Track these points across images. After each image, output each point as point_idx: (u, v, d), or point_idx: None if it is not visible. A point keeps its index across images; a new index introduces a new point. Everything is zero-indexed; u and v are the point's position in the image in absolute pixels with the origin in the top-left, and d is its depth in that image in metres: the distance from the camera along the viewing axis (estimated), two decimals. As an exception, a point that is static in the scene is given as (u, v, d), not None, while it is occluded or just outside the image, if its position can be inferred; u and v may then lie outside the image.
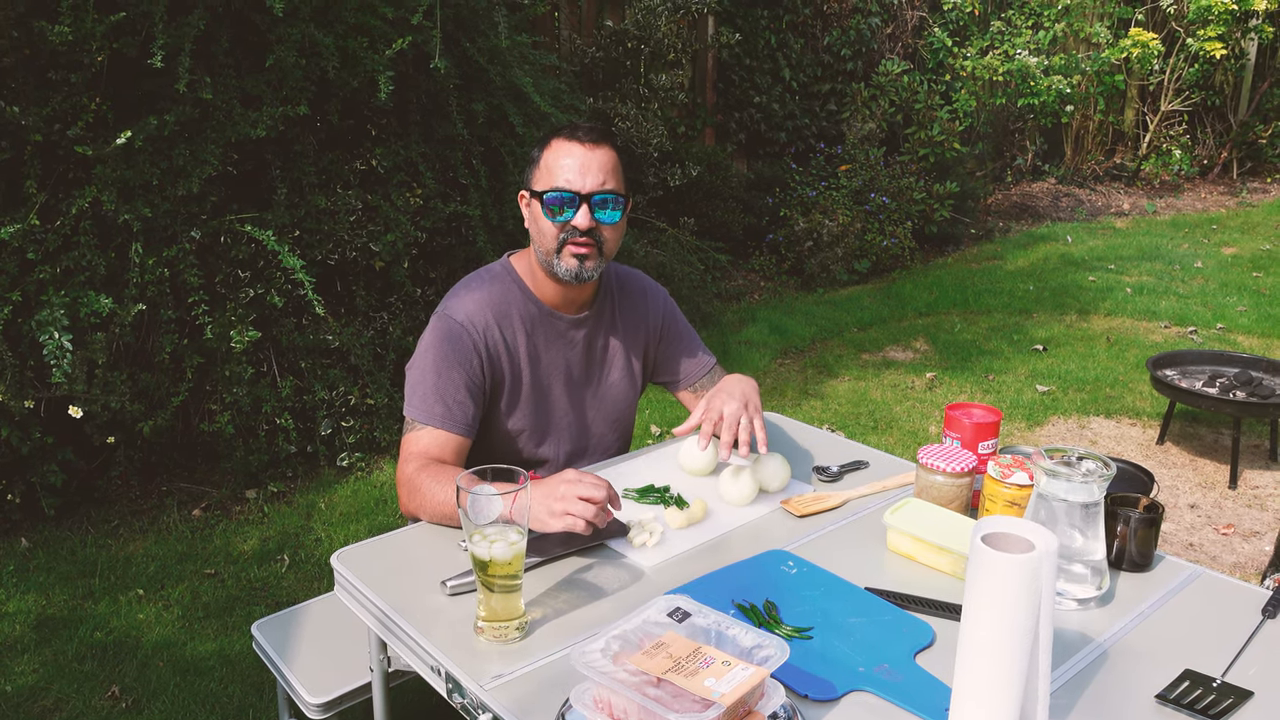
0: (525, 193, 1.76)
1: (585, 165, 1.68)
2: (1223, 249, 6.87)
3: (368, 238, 3.60)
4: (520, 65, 3.91)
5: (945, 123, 6.69)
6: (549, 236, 1.70)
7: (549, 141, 1.72)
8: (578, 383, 1.87)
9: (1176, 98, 8.90)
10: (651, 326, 1.98)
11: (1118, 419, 4.09)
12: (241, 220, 3.22)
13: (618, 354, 1.92)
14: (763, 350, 4.95)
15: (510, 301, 1.79)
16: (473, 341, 1.73)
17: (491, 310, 1.76)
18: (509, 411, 1.81)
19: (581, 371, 1.87)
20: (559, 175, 1.68)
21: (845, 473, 1.82)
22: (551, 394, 1.84)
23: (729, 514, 1.63)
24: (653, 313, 1.98)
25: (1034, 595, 1.02)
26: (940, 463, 1.56)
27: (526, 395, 1.81)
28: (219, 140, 3.18)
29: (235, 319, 3.30)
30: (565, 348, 1.84)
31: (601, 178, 1.69)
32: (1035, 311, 5.53)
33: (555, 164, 1.69)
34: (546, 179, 1.70)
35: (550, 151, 1.70)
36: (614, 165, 1.71)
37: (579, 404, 1.88)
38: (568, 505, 1.39)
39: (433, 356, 1.72)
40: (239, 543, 3.11)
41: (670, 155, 5.81)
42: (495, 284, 1.80)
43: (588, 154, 1.68)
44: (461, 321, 1.73)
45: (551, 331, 1.82)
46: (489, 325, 1.75)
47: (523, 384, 1.81)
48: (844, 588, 1.39)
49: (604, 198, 1.69)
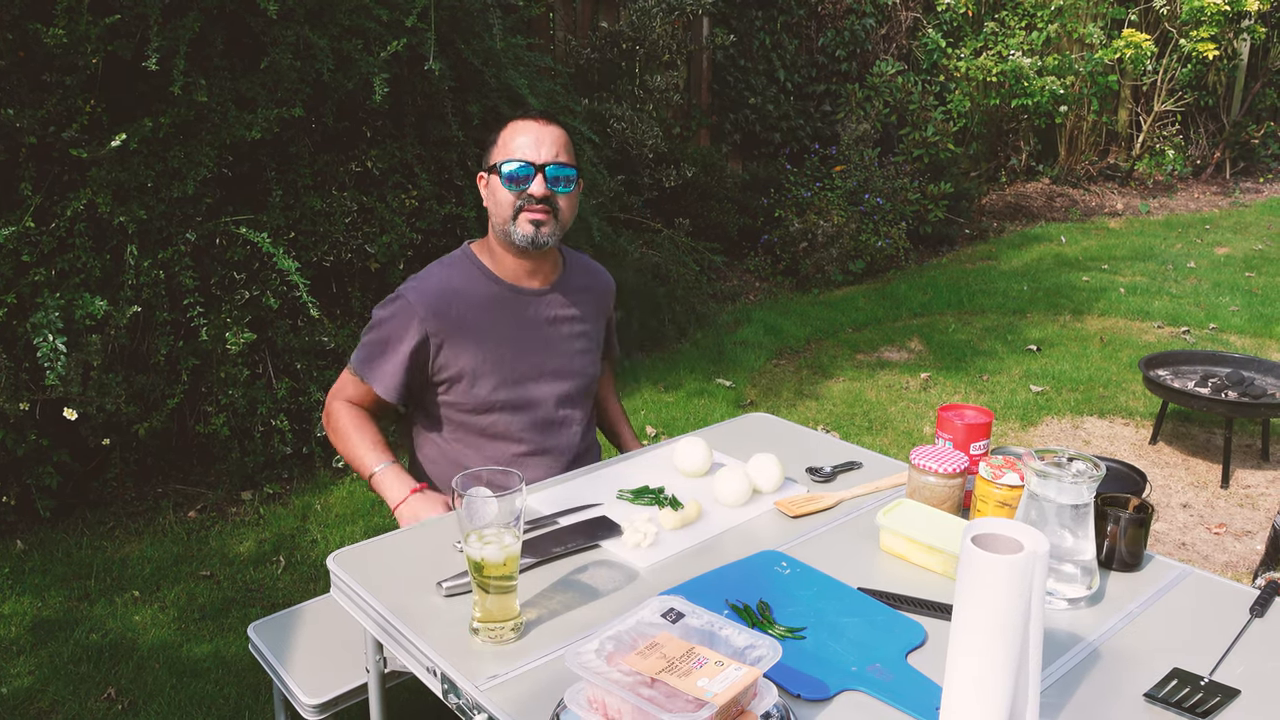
0: (483, 174, 1.88)
1: (539, 139, 1.80)
2: (1216, 249, 6.90)
3: (363, 239, 3.60)
4: (515, 67, 3.91)
5: (939, 123, 6.71)
6: (505, 206, 1.80)
7: (505, 124, 1.85)
8: (545, 353, 1.93)
9: (1169, 98, 8.94)
10: (604, 305, 2.08)
11: (1111, 419, 4.11)
12: (236, 222, 3.23)
13: (581, 326, 1.99)
14: (757, 351, 4.97)
15: (468, 281, 1.88)
16: (419, 319, 1.81)
17: (448, 289, 1.85)
18: (474, 386, 1.86)
19: (547, 341, 1.93)
20: (515, 150, 1.79)
21: (838, 473, 1.83)
22: (518, 365, 1.89)
23: (723, 515, 1.64)
24: (605, 292, 2.08)
25: (1024, 596, 1.03)
26: (932, 464, 1.58)
27: (492, 369, 1.87)
28: (214, 142, 3.18)
29: (230, 321, 3.30)
30: (529, 320, 1.91)
31: (555, 150, 1.81)
32: (1029, 312, 5.55)
33: (511, 140, 1.80)
34: (503, 153, 1.81)
35: (506, 130, 1.82)
36: (566, 142, 1.84)
37: (550, 375, 1.93)
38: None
39: (382, 330, 1.84)
40: (235, 544, 3.11)
41: (665, 156, 5.82)
42: (453, 267, 1.89)
43: (541, 129, 1.81)
44: (414, 301, 1.82)
45: (513, 305, 1.89)
46: (445, 304, 1.83)
47: (486, 358, 1.86)
48: (837, 588, 1.40)
49: (558, 169, 1.80)
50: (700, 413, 4.17)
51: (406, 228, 3.67)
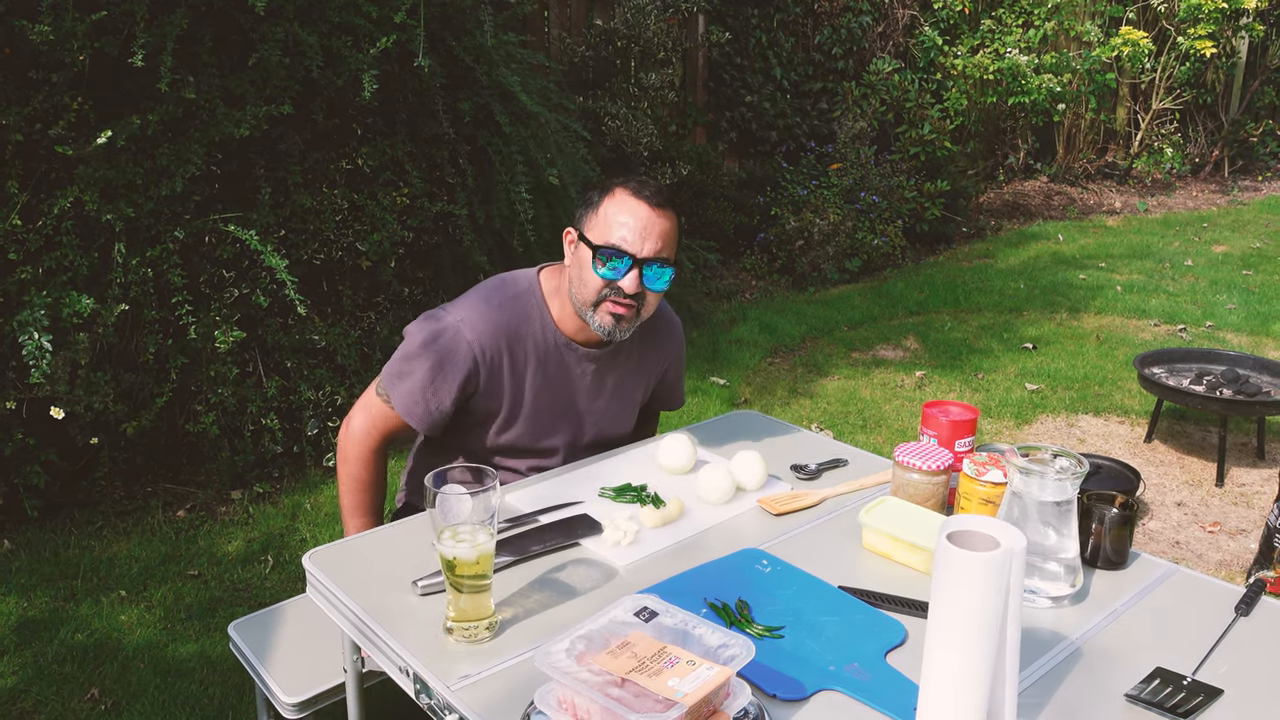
0: (573, 231, 1.71)
1: (647, 228, 1.63)
2: (1213, 247, 6.88)
3: (354, 237, 3.58)
4: (507, 64, 3.90)
5: (936, 121, 6.69)
6: (591, 289, 1.66)
7: (612, 189, 1.66)
8: (579, 412, 1.86)
9: (1168, 96, 8.91)
10: (664, 363, 1.97)
11: (1106, 417, 4.09)
12: (225, 220, 3.21)
13: (626, 387, 1.90)
14: (753, 349, 4.95)
15: (527, 327, 1.74)
16: (475, 364, 1.70)
17: (505, 335, 1.72)
18: (502, 431, 1.81)
19: (586, 401, 1.85)
20: (616, 230, 1.63)
21: (824, 471, 1.81)
22: (552, 420, 1.83)
23: (705, 512, 1.63)
24: (669, 350, 1.97)
25: (1000, 593, 1.01)
26: (916, 460, 1.56)
27: (525, 419, 1.80)
28: (202, 140, 3.16)
29: (220, 319, 3.28)
30: (575, 378, 1.82)
31: (659, 244, 1.65)
32: (1026, 310, 5.53)
33: (615, 218, 1.63)
34: (603, 230, 1.64)
35: (612, 202, 1.65)
36: (674, 233, 1.68)
37: (575, 431, 1.87)
38: None
39: (432, 361, 1.69)
40: (223, 544, 3.09)
41: (660, 154, 5.80)
42: (516, 304, 1.74)
43: (651, 216, 1.63)
44: (471, 341, 1.69)
45: (563, 362, 1.79)
46: (499, 351, 1.71)
47: (522, 408, 1.79)
48: (817, 586, 1.39)
49: (659, 269, 1.66)
50: (693, 411, 4.15)
51: (398, 225, 3.66)
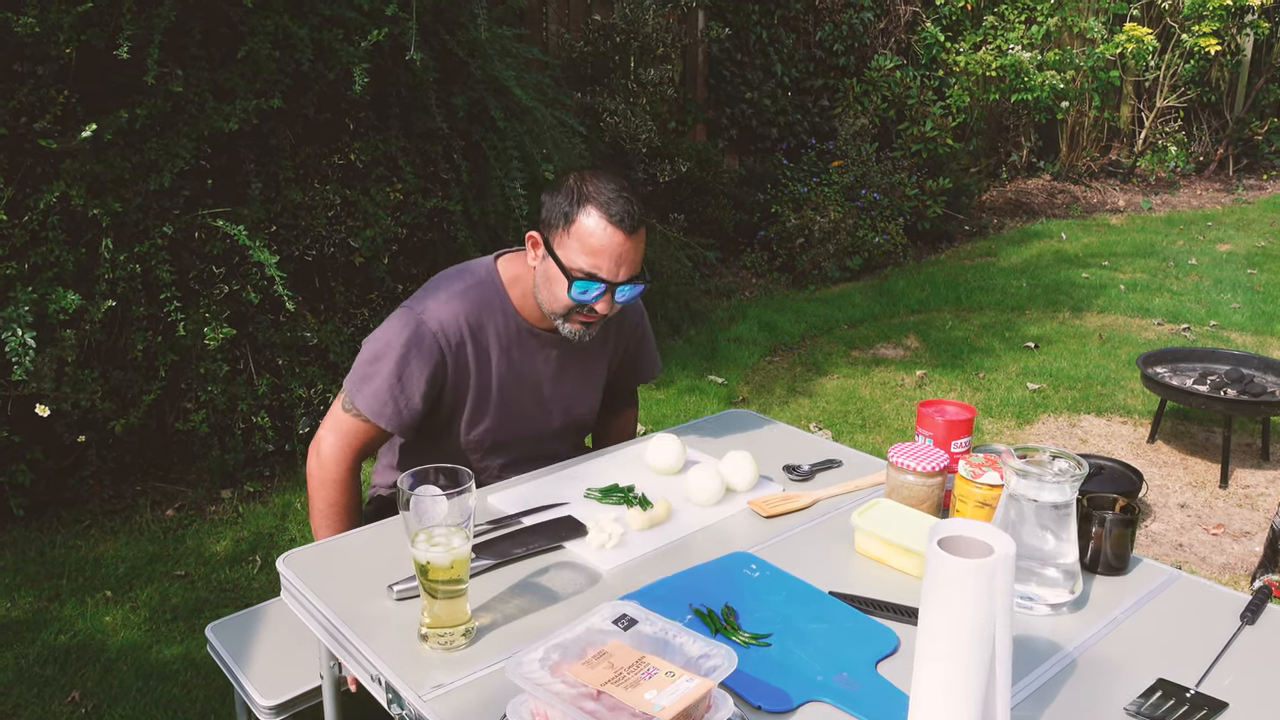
0: (538, 238, 1.65)
1: (622, 256, 1.59)
2: (1218, 246, 6.82)
3: (346, 233, 3.54)
4: (502, 58, 3.85)
5: (938, 118, 6.64)
6: (560, 304, 1.64)
7: (585, 204, 1.58)
8: (546, 396, 1.84)
9: (1172, 94, 8.85)
10: (625, 339, 1.95)
11: (1108, 417, 4.04)
12: (214, 215, 3.16)
13: (589, 369, 1.89)
14: (752, 347, 4.90)
15: (489, 315, 1.72)
16: (441, 353, 1.67)
17: (468, 323, 1.69)
18: (472, 423, 1.77)
19: (551, 386, 1.84)
20: (590, 259, 1.58)
21: (817, 472, 1.77)
22: (518, 407, 1.81)
23: (693, 514, 1.58)
24: (628, 325, 1.94)
25: (990, 601, 0.96)
26: (911, 461, 1.51)
27: (494, 409, 1.77)
28: (191, 134, 3.12)
29: (209, 316, 3.24)
30: (539, 364, 1.80)
31: (633, 267, 1.61)
32: (1028, 309, 5.47)
33: (589, 244, 1.57)
34: (576, 255, 1.58)
35: (587, 222, 1.57)
36: (643, 246, 1.64)
37: (544, 416, 1.85)
38: None
39: (397, 355, 1.65)
40: (212, 543, 3.05)
41: (659, 151, 5.75)
42: (477, 292, 1.71)
43: (626, 244, 1.58)
44: (435, 331, 1.66)
45: (527, 348, 1.77)
46: (463, 340, 1.69)
47: (490, 398, 1.76)
48: (807, 592, 1.34)
49: (630, 289, 1.64)
50: (691, 410, 4.10)
51: (391, 221, 3.61)
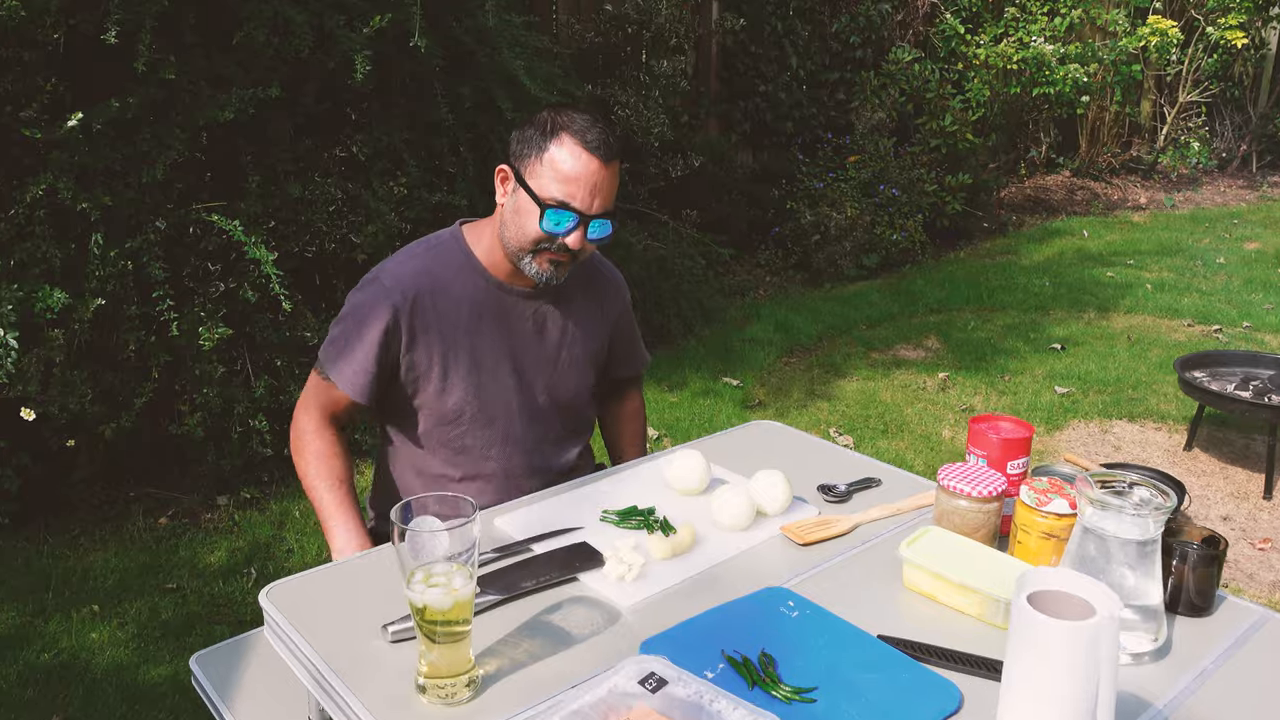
0: (508, 171, 1.58)
1: (596, 185, 1.53)
2: (1245, 244, 6.63)
3: (348, 229, 3.40)
4: (511, 47, 3.70)
5: (958, 112, 6.46)
6: (529, 237, 1.56)
7: (558, 133, 1.52)
8: (527, 364, 1.71)
9: (1195, 89, 8.65)
10: (611, 315, 1.84)
11: (1142, 423, 3.87)
12: (209, 209, 3.02)
13: (574, 336, 1.76)
14: (767, 348, 4.74)
15: (452, 272, 1.64)
16: (395, 310, 1.58)
17: (428, 279, 1.62)
18: (445, 391, 1.65)
19: (532, 351, 1.71)
20: (564, 187, 1.51)
21: (854, 492, 1.61)
22: (496, 374, 1.68)
23: (721, 541, 1.43)
24: (613, 300, 1.84)
25: (1091, 670, 0.81)
26: (964, 485, 1.36)
27: (466, 374, 1.65)
28: (185, 124, 2.98)
29: (204, 315, 3.10)
30: (514, 324, 1.68)
31: (606, 199, 1.56)
32: (1052, 308, 5.30)
33: (562, 172, 1.51)
34: (548, 184, 1.52)
35: (560, 150, 1.52)
36: (617, 180, 1.58)
37: (528, 387, 1.72)
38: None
39: (352, 318, 1.61)
40: (205, 554, 2.91)
41: (672, 145, 5.59)
42: (438, 252, 1.66)
43: (601, 172, 1.53)
44: (389, 286, 1.59)
45: (499, 306, 1.66)
46: (420, 295, 1.60)
47: (460, 362, 1.64)
48: (853, 636, 1.19)
49: (603, 225, 1.58)
50: (705, 413, 3.95)
51: (394, 217, 3.46)
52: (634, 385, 2.03)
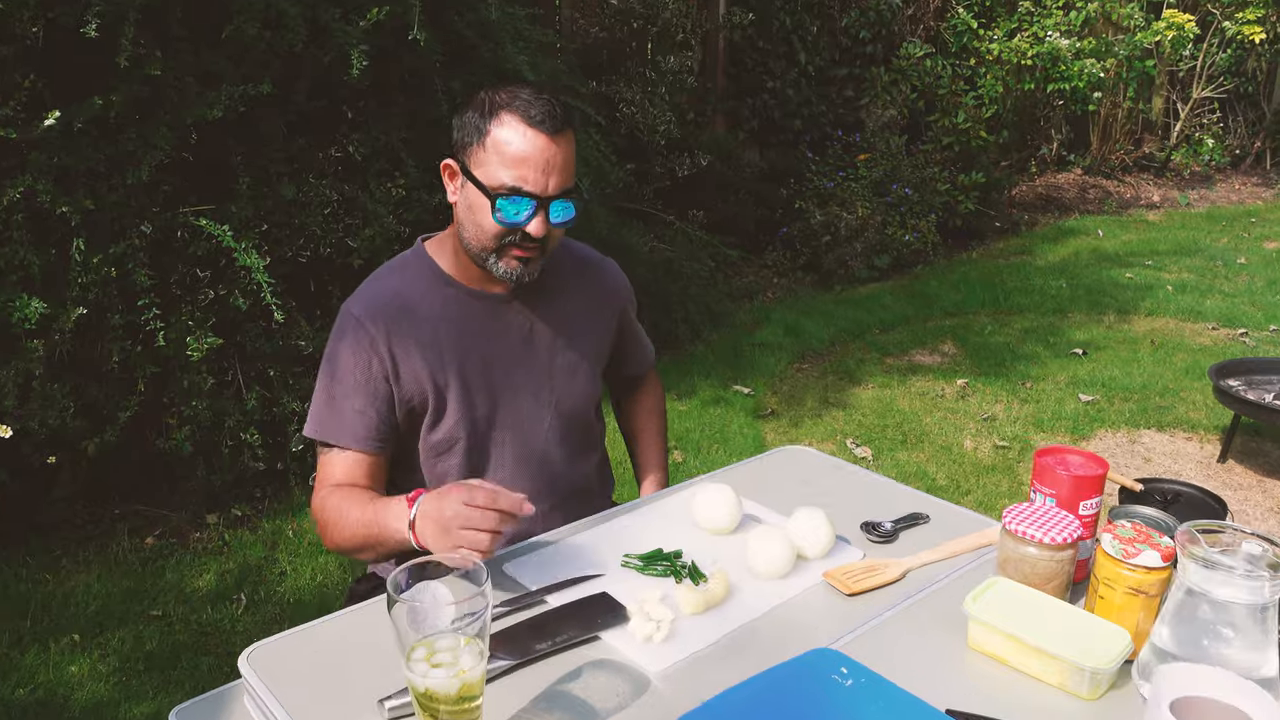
0: (454, 165, 1.42)
1: (548, 162, 1.36)
2: (1265, 244, 6.48)
3: (344, 232, 3.24)
4: (514, 41, 3.54)
5: (971, 109, 6.31)
6: (488, 236, 1.40)
7: (497, 113, 1.36)
8: (519, 377, 1.53)
9: (1208, 85, 8.49)
10: (612, 306, 1.66)
11: (1171, 433, 3.72)
12: (197, 213, 2.87)
13: (568, 338, 1.58)
14: (779, 354, 4.59)
15: (422, 290, 1.48)
16: (370, 339, 1.43)
17: (399, 301, 1.46)
18: (435, 422, 1.49)
19: (522, 362, 1.53)
20: (513, 171, 1.35)
21: (901, 529, 1.46)
22: (488, 393, 1.51)
23: (757, 591, 1.27)
24: (612, 291, 1.67)
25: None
26: (1034, 530, 1.20)
27: (455, 398, 1.48)
28: (172, 123, 2.82)
29: (193, 324, 2.94)
30: (498, 335, 1.51)
31: (564, 176, 1.38)
32: (1070, 311, 5.15)
33: (508, 153, 1.35)
34: (495, 170, 1.36)
35: (502, 130, 1.35)
36: (574, 152, 1.41)
37: (524, 403, 1.54)
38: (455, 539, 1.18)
39: (330, 364, 1.45)
40: (193, 577, 2.76)
41: (678, 143, 5.44)
42: (404, 272, 1.51)
43: (551, 147, 1.36)
44: (359, 315, 1.44)
45: (478, 315, 1.50)
46: (395, 319, 1.44)
47: (448, 385, 1.48)
48: (918, 711, 1.03)
49: (565, 206, 1.40)
50: (716, 423, 3.80)
51: (392, 220, 3.31)
52: (647, 379, 1.87)
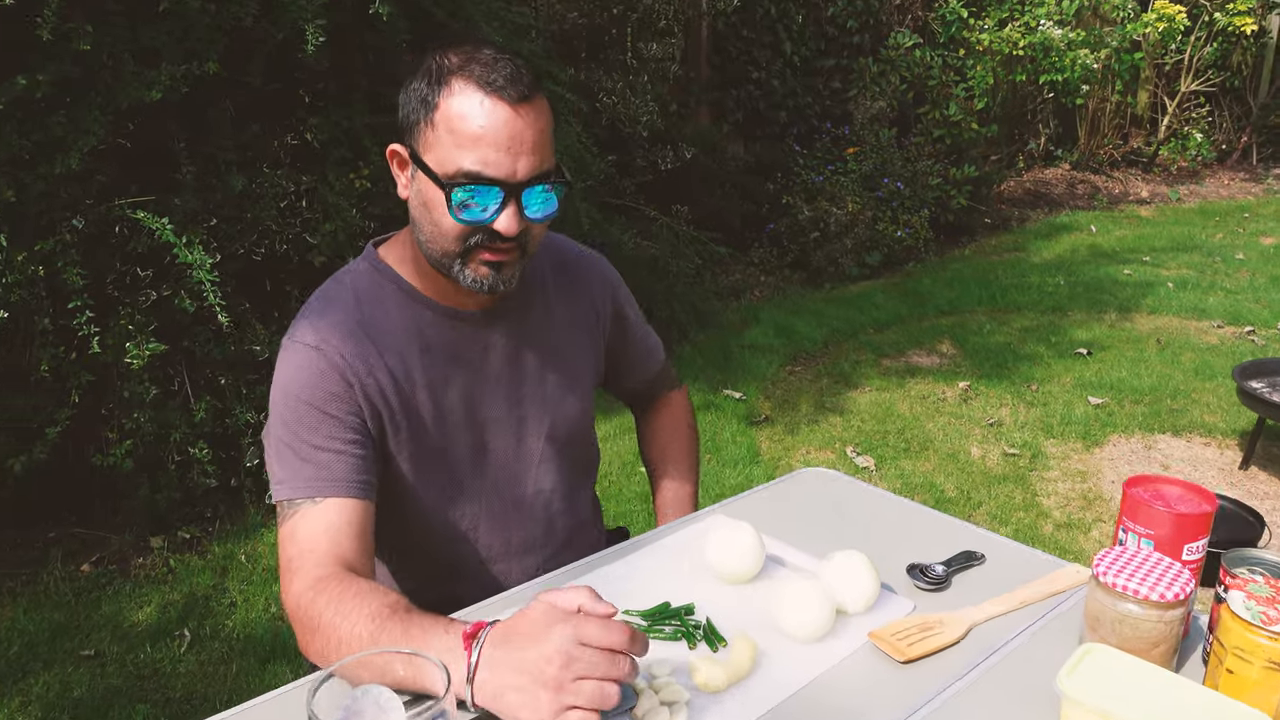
0: (402, 152, 1.12)
1: (515, 138, 1.05)
2: (1261, 239, 6.33)
3: (302, 227, 2.97)
4: (487, 21, 3.28)
5: (962, 101, 6.11)
6: (449, 237, 1.10)
7: (448, 81, 1.05)
8: (502, 408, 1.25)
9: (1196, 79, 8.35)
10: (601, 310, 1.37)
11: (1188, 437, 3.51)
12: (134, 205, 2.59)
13: (558, 357, 1.30)
14: (769, 355, 4.35)
15: (385, 308, 1.18)
16: (337, 370, 1.12)
17: (359, 326, 1.16)
18: (406, 465, 1.20)
19: (505, 389, 1.25)
20: (471, 152, 1.04)
21: (954, 573, 1.22)
22: (464, 429, 1.22)
23: (789, 657, 1.03)
24: (600, 290, 1.37)
25: None
26: (1136, 584, 0.96)
27: (435, 436, 1.20)
28: (106, 105, 2.54)
29: (133, 328, 2.67)
30: (475, 358, 1.22)
31: (536, 157, 1.07)
32: (1070, 309, 4.95)
33: (464, 130, 1.04)
34: (448, 153, 1.05)
35: (453, 101, 1.05)
36: (548, 126, 1.10)
37: (507, 438, 1.26)
38: (571, 696, 0.82)
39: (281, 408, 1.12)
40: (132, 610, 2.48)
41: (661, 135, 5.19)
42: (358, 289, 1.19)
43: (517, 120, 1.05)
44: (316, 345, 1.13)
45: (452, 339, 1.21)
46: (358, 348, 1.14)
47: (422, 422, 1.19)
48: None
49: (543, 195, 1.09)
50: (707, 430, 3.55)
51: (356, 214, 3.04)
52: (664, 385, 1.57)
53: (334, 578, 1.02)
